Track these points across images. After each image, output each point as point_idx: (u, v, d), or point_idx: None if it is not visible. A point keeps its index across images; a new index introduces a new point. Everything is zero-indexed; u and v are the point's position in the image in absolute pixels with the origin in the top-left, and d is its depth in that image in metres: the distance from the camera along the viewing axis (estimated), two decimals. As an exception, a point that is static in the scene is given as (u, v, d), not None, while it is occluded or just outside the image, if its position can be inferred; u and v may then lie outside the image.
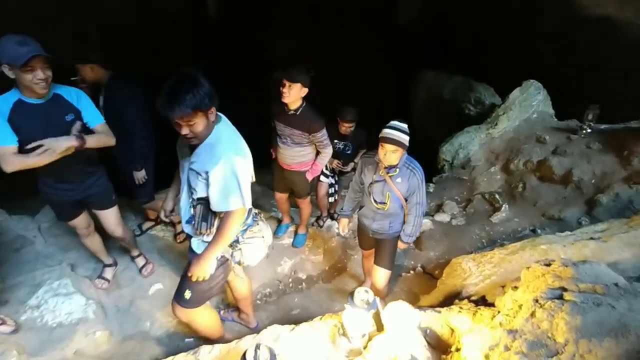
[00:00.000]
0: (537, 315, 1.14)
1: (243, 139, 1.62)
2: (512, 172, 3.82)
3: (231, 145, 1.49)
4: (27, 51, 1.58)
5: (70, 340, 2.11)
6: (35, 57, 1.60)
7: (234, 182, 1.45)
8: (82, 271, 2.57)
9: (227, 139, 1.50)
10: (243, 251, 1.72)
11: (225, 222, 1.53)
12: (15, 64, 1.60)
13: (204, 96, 1.36)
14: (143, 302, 2.44)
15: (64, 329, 2.16)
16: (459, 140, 4.11)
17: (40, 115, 1.78)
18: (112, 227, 2.30)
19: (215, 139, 1.47)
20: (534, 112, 4.21)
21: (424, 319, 1.69)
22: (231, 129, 1.58)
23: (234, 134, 1.57)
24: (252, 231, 1.75)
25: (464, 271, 2.30)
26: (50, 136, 1.80)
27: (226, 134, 1.52)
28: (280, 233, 3.10)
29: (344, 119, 2.82)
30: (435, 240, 3.21)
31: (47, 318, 2.19)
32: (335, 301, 2.63)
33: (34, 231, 2.74)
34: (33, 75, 1.65)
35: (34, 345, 2.05)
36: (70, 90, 1.90)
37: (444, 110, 5.00)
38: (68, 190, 2.02)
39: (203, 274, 1.63)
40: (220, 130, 1.50)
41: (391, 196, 2.04)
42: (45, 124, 1.79)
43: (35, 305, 2.24)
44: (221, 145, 1.45)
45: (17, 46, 1.58)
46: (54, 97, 1.82)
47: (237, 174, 1.45)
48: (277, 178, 2.82)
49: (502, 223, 3.36)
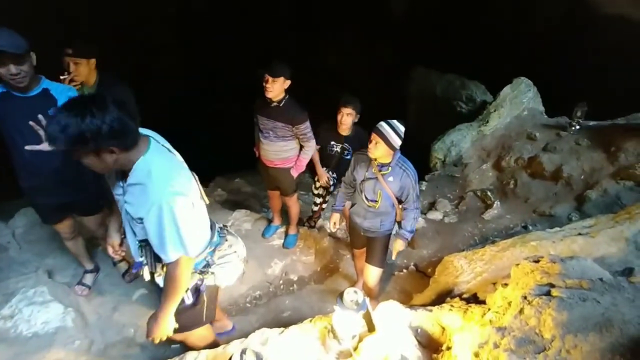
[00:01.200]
0: (525, 312, 1.17)
1: (181, 165, 1.40)
2: (503, 169, 3.91)
3: (166, 182, 1.24)
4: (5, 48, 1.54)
5: (47, 351, 2.06)
6: (1, 53, 1.56)
7: (172, 230, 1.26)
8: (60, 278, 2.51)
9: (159, 175, 1.24)
10: (216, 275, 1.59)
11: (171, 273, 1.36)
12: None
13: (86, 133, 1.09)
14: (126, 308, 2.40)
15: (40, 339, 2.11)
16: (451, 138, 4.18)
17: (24, 108, 1.74)
18: (93, 228, 2.29)
19: (145, 177, 1.24)
20: (525, 109, 4.32)
21: (415, 318, 1.71)
22: (164, 157, 1.32)
23: (168, 166, 1.31)
24: (221, 250, 1.62)
25: (456, 269, 2.34)
26: (34, 133, 1.76)
27: (157, 168, 1.25)
28: (268, 234, 3.10)
29: (345, 105, 2.56)
30: (428, 239, 3.27)
31: (21, 328, 2.14)
32: (328, 302, 2.64)
33: (7, 237, 2.67)
34: (6, 69, 1.62)
35: (7, 358, 2.00)
36: (62, 87, 1.87)
37: (436, 108, 5.09)
38: (53, 194, 1.98)
39: (164, 334, 1.50)
40: (149, 165, 1.25)
41: (382, 194, 2.07)
42: (29, 118, 1.73)
43: (9, 315, 2.17)
44: (152, 184, 1.23)
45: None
46: (42, 92, 1.79)
47: (176, 219, 1.24)
48: (263, 176, 2.84)
49: (494, 220, 3.44)
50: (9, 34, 1.59)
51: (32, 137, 1.79)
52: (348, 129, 2.67)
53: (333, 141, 2.73)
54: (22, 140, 1.78)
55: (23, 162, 1.85)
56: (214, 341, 1.95)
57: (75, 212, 2.18)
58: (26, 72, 1.66)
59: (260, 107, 2.48)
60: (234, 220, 3.18)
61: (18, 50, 1.59)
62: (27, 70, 1.66)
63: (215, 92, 6.78)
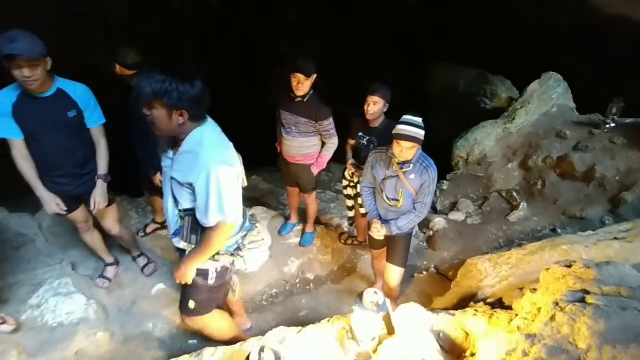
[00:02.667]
0: (557, 319, 1.13)
1: (230, 143, 1.52)
2: (530, 168, 3.78)
3: (216, 152, 1.39)
4: (8, 49, 1.62)
5: (71, 341, 2.16)
6: (16, 56, 1.63)
7: (216, 195, 1.37)
8: (83, 270, 2.62)
9: (211, 145, 1.40)
10: (246, 258, 1.67)
11: (209, 236, 1.48)
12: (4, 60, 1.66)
13: (173, 91, 1.27)
14: (145, 303, 2.48)
15: (64, 329, 2.21)
16: (474, 136, 4.08)
17: (41, 109, 1.85)
18: (108, 225, 2.35)
19: (197, 145, 1.38)
20: (554, 106, 4.15)
21: (437, 322, 1.68)
22: (216, 132, 1.47)
23: (220, 139, 1.47)
24: (252, 235, 1.71)
25: (480, 272, 2.29)
26: (50, 131, 1.89)
27: (210, 138, 1.41)
28: (285, 232, 3.11)
29: (372, 92, 2.37)
30: (449, 240, 3.20)
31: (47, 318, 2.24)
32: (345, 303, 2.63)
33: (34, 229, 2.80)
34: (20, 72, 1.69)
35: (34, 346, 2.10)
36: (76, 87, 1.94)
37: (458, 105, 4.96)
38: (64, 185, 2.08)
39: (185, 279, 1.63)
40: (202, 135, 1.40)
41: (405, 193, 2.03)
42: (46, 119, 1.87)
43: (36, 304, 2.29)
44: (204, 153, 1.37)
45: (6, 42, 1.63)
46: (57, 92, 1.88)
47: (221, 186, 1.37)
48: (284, 172, 2.85)
49: (520, 222, 3.33)
50: (26, 38, 1.66)
51: (49, 135, 1.91)
52: (376, 120, 2.46)
53: (361, 132, 2.56)
54: (40, 137, 1.90)
55: (41, 157, 1.97)
56: (236, 336, 1.97)
57: (87, 203, 2.25)
58: (38, 76, 1.73)
59: (283, 101, 2.48)
60: (251, 217, 3.21)
61: (32, 55, 1.67)
62: (39, 74, 1.73)
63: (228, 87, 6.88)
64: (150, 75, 1.28)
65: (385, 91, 2.39)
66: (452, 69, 5.27)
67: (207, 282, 1.68)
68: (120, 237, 2.49)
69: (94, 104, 2.01)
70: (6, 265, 2.45)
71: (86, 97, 1.96)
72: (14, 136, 1.87)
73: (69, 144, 1.98)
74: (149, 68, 1.32)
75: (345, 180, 2.81)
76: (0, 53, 1.63)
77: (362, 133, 2.54)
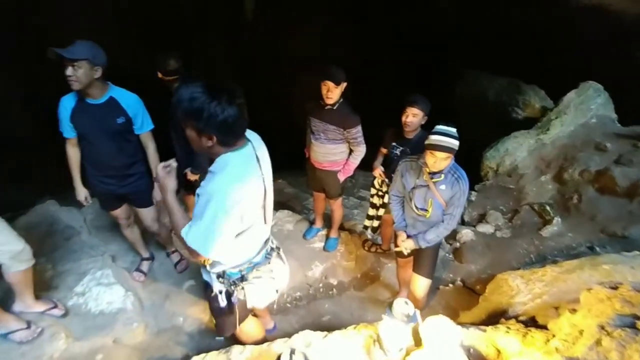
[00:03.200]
0: (603, 344, 1.06)
1: (258, 178, 1.39)
2: (565, 182, 3.59)
3: (231, 181, 1.27)
4: (59, 50, 1.76)
5: (110, 329, 2.27)
6: (62, 56, 1.78)
7: (206, 224, 1.25)
8: (122, 263, 2.75)
9: (230, 173, 1.27)
10: (246, 291, 1.60)
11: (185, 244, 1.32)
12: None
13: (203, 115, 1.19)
14: (177, 298, 2.56)
15: (105, 317, 2.33)
16: (505, 146, 3.93)
17: (94, 114, 1.99)
18: (148, 222, 2.47)
19: (219, 169, 1.29)
20: (593, 117, 3.94)
21: (466, 336, 1.63)
22: (245, 162, 1.34)
23: (244, 170, 1.32)
24: (259, 270, 1.60)
25: (511, 288, 2.19)
26: (101, 134, 2.03)
27: (233, 168, 1.28)
28: (309, 236, 3.12)
29: (411, 104, 2.29)
30: (477, 253, 3.09)
31: (90, 305, 2.38)
32: (368, 310, 2.60)
33: (80, 222, 2.99)
34: (65, 71, 1.83)
35: (79, 330, 2.24)
36: (127, 96, 2.07)
37: (488, 114, 4.81)
38: (109, 184, 2.21)
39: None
40: (227, 162, 1.29)
41: (434, 203, 1.99)
42: (97, 123, 2.01)
43: (81, 292, 2.43)
44: (218, 179, 1.27)
45: (70, 46, 1.80)
46: (109, 99, 2.01)
47: (216, 219, 1.24)
48: (310, 177, 2.87)
49: (554, 237, 3.17)
50: (80, 44, 1.82)
51: (99, 139, 2.05)
52: (413, 132, 2.39)
53: (395, 142, 2.49)
54: (91, 140, 2.06)
55: (91, 159, 2.14)
56: (263, 338, 2.00)
57: (130, 202, 2.40)
58: (78, 78, 1.85)
59: (313, 109, 2.52)
60: (277, 220, 3.26)
61: (71, 57, 1.79)
62: (79, 76, 1.84)
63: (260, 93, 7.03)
64: (187, 92, 1.21)
65: (425, 103, 2.32)
66: (482, 77, 5.12)
67: (219, 303, 1.60)
68: (158, 234, 2.60)
69: (143, 112, 2.13)
70: (56, 254, 2.63)
71: (135, 106, 2.08)
72: (68, 134, 2.08)
73: (115, 148, 2.10)
74: (190, 81, 1.24)
75: (373, 189, 2.79)
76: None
77: (396, 143, 2.48)
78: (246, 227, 1.40)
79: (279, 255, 1.71)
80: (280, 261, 1.70)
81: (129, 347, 2.28)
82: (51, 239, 2.76)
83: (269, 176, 1.45)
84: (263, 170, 1.40)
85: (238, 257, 1.52)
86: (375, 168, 2.66)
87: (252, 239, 1.50)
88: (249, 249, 1.53)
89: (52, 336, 2.13)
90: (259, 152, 1.41)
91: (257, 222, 1.45)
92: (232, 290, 1.59)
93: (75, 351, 2.15)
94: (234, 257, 1.51)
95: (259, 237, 1.54)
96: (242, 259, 1.53)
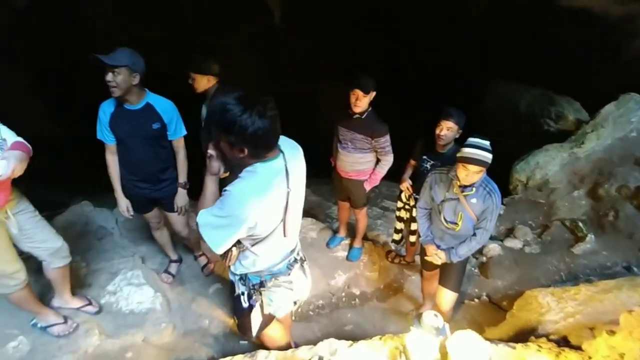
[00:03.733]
0: (644, 367, 1.05)
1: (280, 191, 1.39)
2: (600, 197, 3.49)
3: (251, 190, 1.30)
4: (101, 57, 1.87)
5: (140, 328, 2.37)
6: (103, 62, 1.89)
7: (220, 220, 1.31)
8: (151, 264, 2.87)
9: (254, 182, 1.31)
10: (263, 298, 1.64)
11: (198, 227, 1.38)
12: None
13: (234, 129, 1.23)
14: (203, 300, 2.65)
15: (135, 317, 2.43)
16: (536, 159, 3.87)
17: (131, 120, 2.10)
18: (179, 227, 2.56)
19: (246, 177, 1.33)
20: (633, 130, 3.83)
21: (495, 353, 1.63)
22: (269, 174, 1.35)
23: (266, 181, 1.34)
24: (278, 280, 1.62)
25: (541, 306, 2.16)
26: (136, 140, 2.14)
27: (260, 176, 1.33)
28: (333, 245, 3.17)
29: (446, 117, 2.27)
30: (504, 268, 3.05)
31: (121, 304, 2.49)
32: (390, 322, 2.62)
33: (112, 223, 3.15)
34: (106, 77, 1.94)
35: (110, 328, 2.34)
36: (163, 102, 2.18)
37: (519, 125, 4.76)
38: (143, 189, 2.32)
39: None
40: (256, 169, 1.33)
41: (464, 216, 2.00)
42: (134, 128, 2.12)
43: (112, 291, 2.55)
44: (243, 181, 1.32)
45: (111, 53, 1.91)
46: (146, 105, 2.12)
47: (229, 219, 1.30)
48: (336, 186, 2.93)
49: (586, 255, 3.09)
50: (120, 51, 1.93)
51: (136, 144, 2.16)
52: (446, 145, 2.37)
53: (426, 155, 2.47)
54: (128, 145, 2.17)
55: (127, 162, 2.24)
56: (287, 344, 2.03)
57: (161, 206, 2.50)
58: (117, 84, 1.95)
59: (341, 117, 2.57)
60: (300, 228, 3.32)
61: (113, 63, 1.90)
62: (119, 82, 1.94)
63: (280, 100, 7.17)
64: (220, 104, 1.26)
65: (461, 117, 2.30)
66: (513, 87, 5.06)
67: (242, 304, 1.67)
68: (187, 239, 2.71)
69: (177, 118, 2.23)
70: (90, 253, 2.78)
71: (170, 112, 2.18)
72: (107, 141, 2.18)
73: (151, 153, 2.21)
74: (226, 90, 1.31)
75: (400, 202, 2.80)
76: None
77: (427, 157, 2.46)
78: (261, 238, 1.43)
79: (301, 268, 1.72)
80: (302, 274, 1.71)
81: (157, 346, 2.36)
82: (85, 239, 2.92)
83: (296, 191, 1.44)
84: (290, 184, 1.40)
85: (255, 265, 1.55)
86: (404, 181, 2.65)
87: (270, 251, 1.52)
88: (266, 259, 1.55)
89: (86, 332, 2.23)
90: (290, 164, 1.41)
91: (275, 235, 1.46)
92: (252, 294, 1.64)
93: (107, 347, 2.24)
94: (251, 264, 1.54)
95: (279, 249, 1.56)
96: (261, 267, 1.57)
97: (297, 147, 1.53)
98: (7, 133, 1.76)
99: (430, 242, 2.21)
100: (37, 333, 2.16)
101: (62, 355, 2.11)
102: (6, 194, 1.80)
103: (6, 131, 1.76)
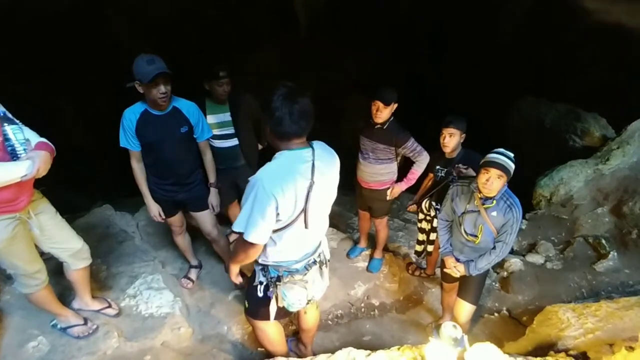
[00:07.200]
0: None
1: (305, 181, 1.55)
2: (624, 215, 3.61)
3: (276, 174, 1.52)
4: (153, 69, 2.00)
5: (159, 332, 2.52)
6: (160, 74, 2.00)
7: (248, 210, 1.51)
8: (170, 269, 3.07)
9: (278, 166, 1.55)
10: (278, 291, 1.79)
11: (236, 242, 1.69)
12: (143, 81, 2.02)
13: (267, 108, 1.51)
14: (222, 306, 2.83)
15: (154, 320, 2.59)
16: (560, 175, 4.01)
17: (159, 125, 2.26)
18: (208, 228, 2.66)
19: (273, 158, 1.58)
20: (660, 148, 3.93)
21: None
22: (295, 162, 1.55)
23: (290, 169, 1.53)
24: (294, 277, 1.79)
25: (561, 321, 2.28)
26: (166, 144, 2.29)
27: (282, 161, 1.55)
28: (353, 255, 3.33)
29: (446, 125, 2.52)
30: (525, 284, 3.18)
31: (141, 308, 2.65)
32: (409, 333, 2.75)
33: (133, 227, 3.37)
34: (157, 90, 2.08)
35: (130, 331, 2.50)
36: (189, 105, 2.35)
37: (543, 141, 4.90)
38: (170, 191, 2.49)
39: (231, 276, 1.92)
40: (282, 155, 1.57)
41: (484, 229, 2.13)
42: (163, 133, 2.28)
43: (132, 294, 2.73)
44: (266, 167, 1.55)
45: (146, 65, 1.99)
46: (173, 109, 2.28)
47: (255, 204, 1.49)
48: (357, 196, 3.10)
49: (609, 273, 3.21)
50: (158, 58, 2.06)
51: (164, 147, 2.30)
52: (454, 151, 2.61)
53: (439, 165, 2.71)
54: (156, 149, 2.31)
55: (155, 166, 2.40)
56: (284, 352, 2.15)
57: (188, 207, 2.65)
58: (169, 91, 2.11)
59: (363, 128, 2.76)
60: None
61: (170, 71, 2.05)
62: (170, 90, 2.12)
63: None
64: (272, 90, 1.52)
65: (460, 122, 2.53)
66: (538, 103, 5.22)
67: (257, 292, 1.85)
68: (217, 242, 2.75)
69: (203, 120, 2.40)
70: (111, 256, 2.99)
71: (196, 114, 2.35)
72: (133, 147, 2.28)
73: (179, 156, 2.37)
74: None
75: (421, 214, 2.96)
76: (147, 76, 1.97)
77: (440, 166, 2.69)
78: (283, 224, 1.59)
79: (320, 270, 1.88)
80: (318, 275, 1.88)
81: (175, 350, 2.52)
82: (106, 242, 3.12)
83: (321, 187, 1.60)
84: (315, 178, 1.56)
85: (277, 254, 1.71)
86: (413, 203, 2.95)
87: (291, 240, 1.67)
88: (287, 249, 1.71)
89: (106, 334, 2.36)
90: (318, 161, 1.58)
91: (296, 225, 1.61)
92: (270, 286, 1.80)
93: (126, 350, 2.40)
94: (273, 252, 1.71)
95: (300, 241, 1.71)
96: (281, 258, 1.73)
97: (333, 153, 1.72)
98: (30, 133, 1.84)
99: (449, 255, 2.36)
100: (56, 334, 2.30)
101: (81, 356, 2.23)
102: (29, 194, 1.89)
103: (29, 132, 1.84)
